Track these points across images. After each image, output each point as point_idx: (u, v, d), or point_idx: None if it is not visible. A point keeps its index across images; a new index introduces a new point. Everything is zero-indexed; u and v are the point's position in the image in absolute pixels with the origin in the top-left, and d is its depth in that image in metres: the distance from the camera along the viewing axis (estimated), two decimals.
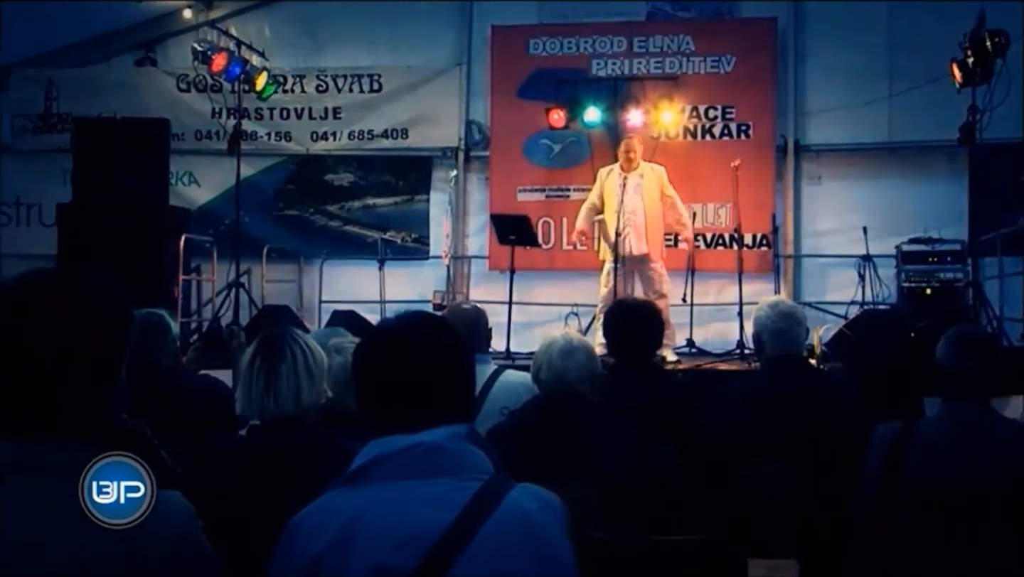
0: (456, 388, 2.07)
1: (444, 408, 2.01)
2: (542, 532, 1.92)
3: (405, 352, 2.04)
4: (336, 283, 11.14)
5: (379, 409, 2.03)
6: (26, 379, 1.72)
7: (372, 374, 2.06)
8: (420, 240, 11.43)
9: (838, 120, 10.48)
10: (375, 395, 2.05)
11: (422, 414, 1.98)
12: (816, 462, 3.80)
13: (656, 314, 4.67)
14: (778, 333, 4.10)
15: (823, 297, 10.35)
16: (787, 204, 10.62)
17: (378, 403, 2.03)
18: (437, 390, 2.02)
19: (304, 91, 11.44)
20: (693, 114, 10.65)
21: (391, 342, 2.08)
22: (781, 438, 3.85)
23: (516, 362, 7.86)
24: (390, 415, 2.00)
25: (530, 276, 10.43)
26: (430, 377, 2.02)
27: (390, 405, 2.01)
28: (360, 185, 11.63)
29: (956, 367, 3.32)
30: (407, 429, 1.96)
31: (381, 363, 2.05)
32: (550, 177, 10.92)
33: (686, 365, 8.71)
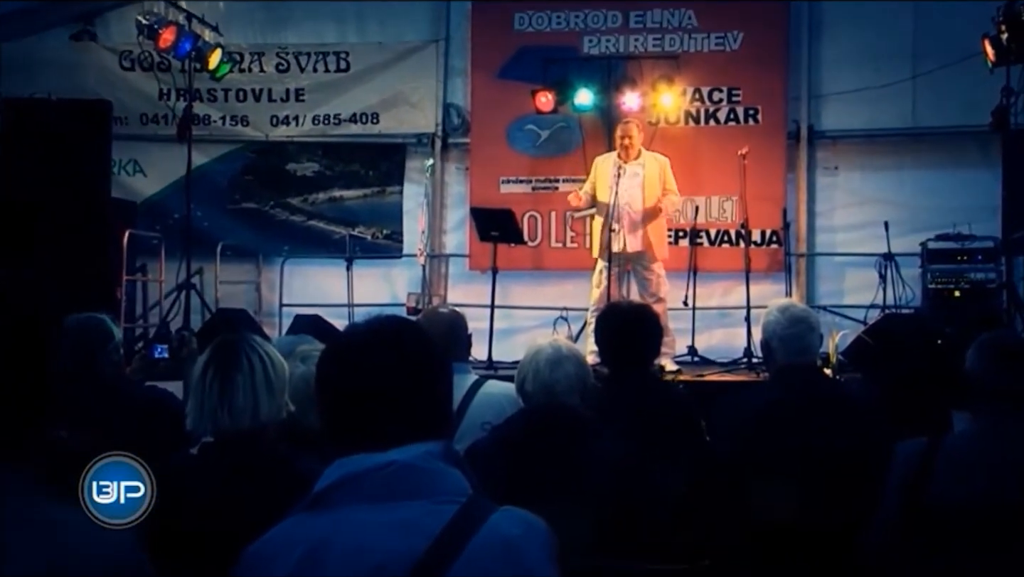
0: (431, 401, 2.07)
1: (417, 423, 2.01)
2: (526, 560, 1.92)
3: (374, 361, 2.03)
4: (299, 284, 11.13)
5: (345, 425, 2.03)
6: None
7: (337, 385, 2.06)
8: (392, 237, 11.42)
9: (856, 103, 10.50)
10: (340, 409, 2.05)
11: (393, 430, 1.98)
12: (831, 482, 3.81)
13: (653, 319, 4.69)
14: (789, 340, 4.12)
15: (839, 300, 10.39)
16: (800, 197, 10.64)
17: (344, 418, 2.03)
18: (410, 403, 2.02)
19: (263, 70, 11.42)
20: (695, 97, 10.67)
21: (359, 350, 2.07)
22: (792, 456, 3.86)
23: (499, 372, 7.85)
24: (357, 431, 2.00)
25: (514, 277, 10.46)
26: (402, 389, 2.02)
27: (357, 420, 2.01)
28: (325, 175, 11.61)
29: (987, 378, 3.33)
30: (376, 447, 1.96)
31: (347, 373, 2.04)
32: (537, 167, 10.92)
33: (687, 375, 8.73)
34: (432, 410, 2.07)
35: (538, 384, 3.72)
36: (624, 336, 4.50)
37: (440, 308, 6.07)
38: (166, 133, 11.04)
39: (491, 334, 9.10)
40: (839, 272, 10.67)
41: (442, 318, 4.79)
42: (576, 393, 3.73)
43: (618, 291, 9.12)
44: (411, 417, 2.01)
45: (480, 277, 10.32)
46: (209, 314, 9.96)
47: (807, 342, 4.14)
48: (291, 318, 8.94)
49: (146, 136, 11.41)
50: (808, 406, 4.00)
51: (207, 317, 9.83)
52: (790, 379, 4.13)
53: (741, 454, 3.96)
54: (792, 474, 3.84)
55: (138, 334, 10.41)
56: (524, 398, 3.80)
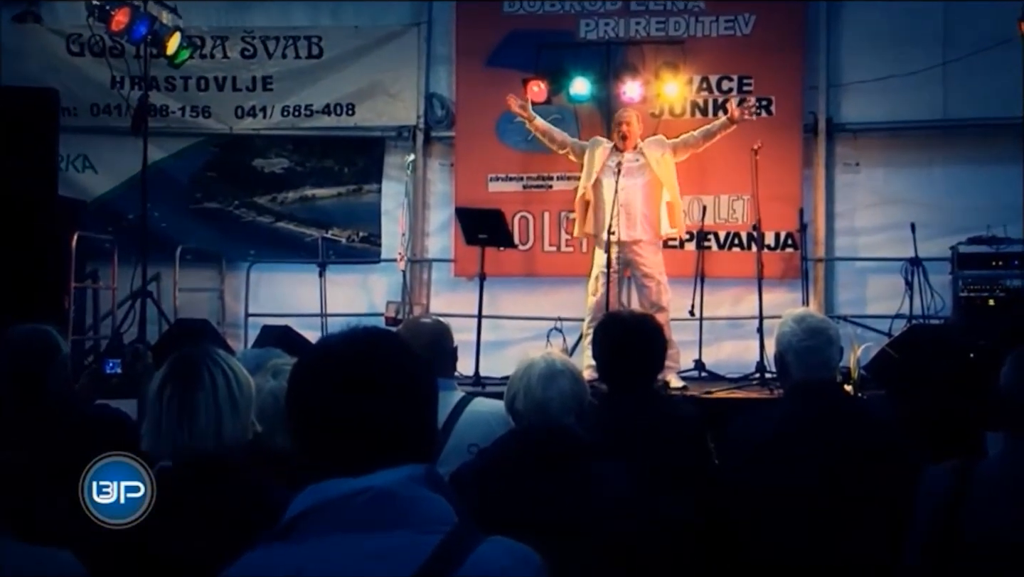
0: (413, 421, 2.07)
1: (398, 445, 2.01)
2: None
3: (350, 377, 2.03)
4: (266, 292, 11.13)
5: (318, 447, 2.03)
6: None
7: (309, 404, 2.06)
8: (370, 240, 11.42)
9: (880, 93, 10.51)
10: (313, 429, 2.05)
11: (371, 453, 1.98)
12: (852, 511, 3.82)
13: (656, 330, 4.70)
14: (806, 354, 4.12)
15: (861, 310, 10.43)
16: (817, 196, 10.67)
17: (316, 439, 2.03)
18: (389, 424, 2.02)
19: (226, 56, 11.41)
20: (703, 86, 10.69)
21: (333, 364, 2.07)
22: (809, 482, 3.87)
23: (487, 389, 7.86)
24: (331, 454, 2.00)
25: (504, 284, 10.47)
26: (381, 408, 2.02)
27: (331, 442, 2.01)
28: (296, 172, 11.61)
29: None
30: (352, 471, 1.96)
31: (320, 390, 2.04)
32: (528, 163, 10.93)
33: (694, 392, 8.74)
34: (414, 431, 2.07)
35: (530, 402, 3.72)
36: (624, 349, 4.51)
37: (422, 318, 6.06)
38: (119, 125, 11.05)
39: (478, 347, 9.10)
40: (861, 279, 10.69)
41: (424, 329, 4.79)
42: (571, 412, 3.74)
43: (617, 300, 9.13)
44: (391, 438, 2.01)
45: (466, 284, 10.33)
46: (167, 325, 9.95)
47: (825, 356, 4.15)
48: (258, 329, 8.94)
49: (97, 128, 11.41)
50: (826, 426, 4.00)
51: (164, 328, 9.82)
52: (806, 397, 4.13)
53: (753, 479, 3.97)
54: (810, 501, 3.85)
55: (88, 347, 10.39)
56: (514, 417, 3.80)
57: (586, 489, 3.53)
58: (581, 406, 3.78)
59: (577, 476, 3.55)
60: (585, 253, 10.07)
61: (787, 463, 3.93)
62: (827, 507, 3.86)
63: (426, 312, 10.47)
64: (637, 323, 4.72)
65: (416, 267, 11.12)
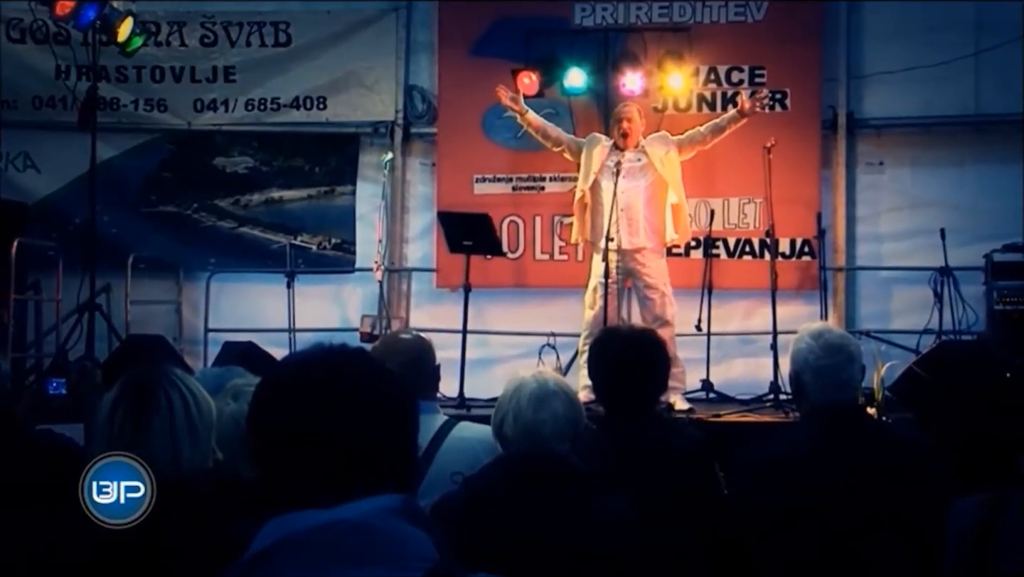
0: (389, 446, 2.07)
1: (372, 473, 2.01)
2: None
3: (319, 397, 2.04)
4: (228, 305, 11.11)
5: (285, 475, 2.03)
6: None
7: (273, 426, 2.06)
8: (343, 247, 11.42)
9: (906, 86, 10.53)
10: (279, 456, 2.05)
11: (342, 482, 1.99)
12: (876, 546, 3.83)
13: (659, 346, 4.70)
14: (824, 373, 4.13)
15: (886, 324, 10.45)
16: (837, 199, 10.68)
17: (283, 467, 2.03)
18: (363, 449, 2.03)
19: (184, 44, 11.41)
20: (710, 77, 10.72)
21: (301, 383, 2.08)
22: (829, 514, 3.88)
23: (472, 412, 7.87)
24: (300, 483, 2.00)
25: (491, 296, 10.47)
26: (352, 431, 2.02)
27: (299, 470, 2.01)
28: (261, 172, 11.61)
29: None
30: (322, 502, 1.96)
31: (286, 411, 2.05)
32: (518, 162, 10.95)
33: (701, 415, 8.75)
34: (391, 457, 2.07)
35: (520, 426, 3.73)
36: (624, 367, 4.51)
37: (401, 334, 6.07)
38: (65, 120, 11.03)
39: (463, 365, 9.10)
40: (885, 290, 10.71)
41: (403, 346, 4.80)
42: (565, 437, 3.74)
43: (616, 313, 9.14)
44: (365, 466, 2.01)
45: (450, 296, 10.34)
46: (118, 341, 9.93)
47: (846, 375, 4.16)
48: (218, 346, 8.95)
49: (40, 123, 11.41)
50: (847, 453, 4.01)
51: (115, 345, 9.80)
52: (825, 420, 4.14)
53: (766, 511, 3.97)
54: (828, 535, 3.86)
55: (30, 366, 10.37)
56: (503, 443, 3.81)
57: (581, 522, 3.53)
58: (576, 431, 3.78)
59: (571, 508, 3.56)
60: (581, 262, 10.08)
61: (804, 492, 3.94)
62: (848, 539, 3.87)
63: (405, 327, 10.47)
64: (638, 339, 4.73)
65: (394, 277, 11.12)
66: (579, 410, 3.82)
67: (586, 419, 3.92)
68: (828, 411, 4.14)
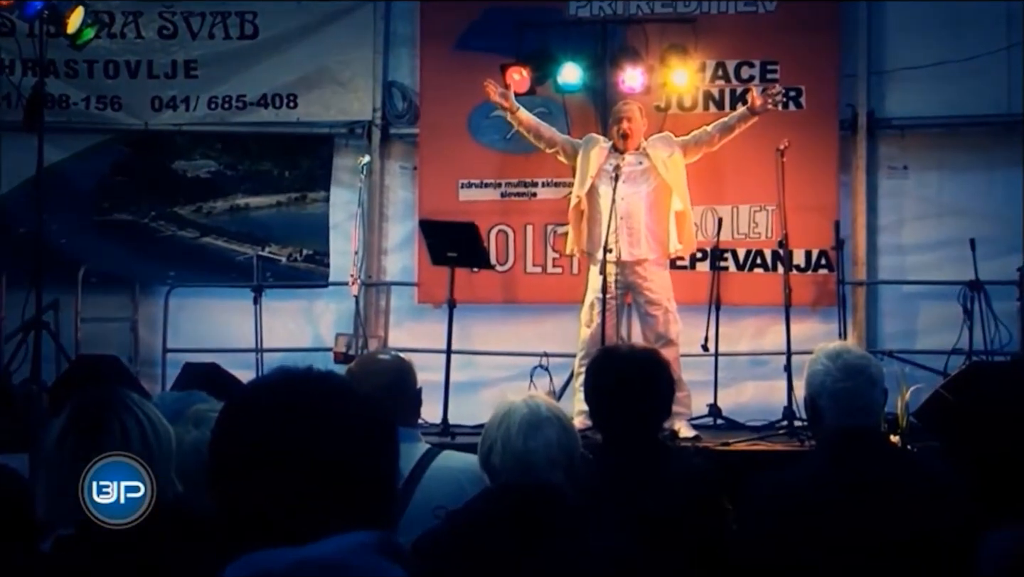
0: (366, 478, 2.08)
1: (348, 508, 2.02)
2: None
3: (290, 425, 2.04)
4: (189, 322, 11.11)
5: (251, 510, 2.03)
6: None
7: (239, 457, 2.06)
8: (316, 259, 11.42)
9: (932, 82, 10.55)
10: (244, 489, 2.05)
11: (315, 517, 1.99)
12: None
13: (662, 368, 4.71)
14: (843, 397, 4.13)
15: (911, 344, 10.46)
16: (857, 206, 10.70)
17: (249, 501, 2.03)
18: (338, 481, 2.03)
19: (141, 36, 11.40)
20: (718, 73, 10.75)
21: (270, 410, 2.08)
22: (847, 552, 3.88)
23: (457, 440, 7.88)
24: (267, 518, 2.00)
25: (478, 312, 10.48)
26: (327, 462, 2.02)
27: (267, 503, 2.01)
28: (226, 177, 11.61)
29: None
30: (292, 538, 1.96)
31: (253, 442, 2.05)
32: (508, 165, 10.96)
33: (708, 444, 8.76)
34: (368, 490, 2.08)
35: (509, 456, 3.73)
36: (623, 391, 4.52)
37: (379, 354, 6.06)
38: (9, 119, 11.02)
39: (447, 389, 9.10)
40: (910, 306, 10.73)
41: (381, 367, 4.80)
42: (559, 467, 3.74)
43: (615, 331, 9.14)
44: (339, 499, 2.02)
45: (432, 313, 10.35)
46: (67, 363, 9.91)
47: (866, 400, 4.16)
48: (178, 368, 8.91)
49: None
50: (867, 485, 4.01)
51: (64, 367, 9.78)
52: (843, 449, 4.14)
53: (778, 548, 3.98)
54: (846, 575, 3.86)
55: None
56: (490, 474, 3.81)
57: (576, 561, 3.53)
58: (571, 460, 3.78)
59: (565, 545, 3.56)
60: (577, 275, 10.10)
61: (820, 527, 3.94)
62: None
63: (384, 347, 10.46)
64: (639, 360, 4.73)
65: (372, 292, 11.12)
66: (574, 438, 3.82)
67: (582, 448, 3.92)
68: (847, 439, 4.14)
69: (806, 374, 4.29)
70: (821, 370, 4.18)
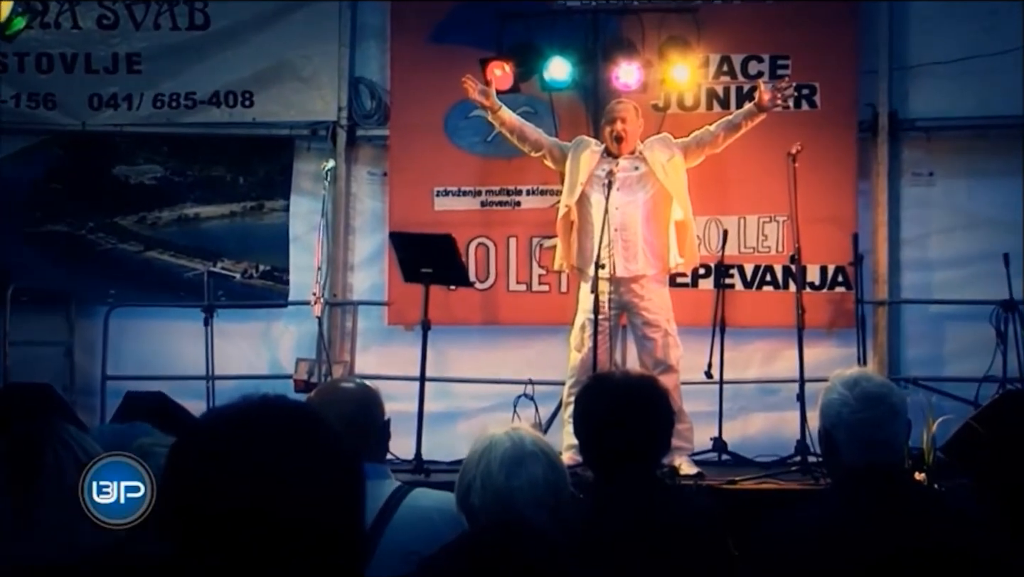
0: (330, 520, 2.09)
1: (310, 553, 2.03)
2: None
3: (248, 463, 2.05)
4: (132, 346, 11.10)
5: (204, 556, 2.04)
6: None
7: (191, 498, 2.07)
8: (274, 275, 11.42)
9: (961, 79, 10.60)
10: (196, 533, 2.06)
11: (275, 563, 2.00)
12: None
13: (660, 397, 4.71)
14: (861, 429, 4.14)
15: (937, 370, 10.50)
16: (878, 217, 10.74)
17: (202, 546, 2.04)
18: (299, 524, 2.04)
19: (78, 26, 11.41)
20: (722, 69, 10.78)
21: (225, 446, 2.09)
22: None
23: (431, 477, 7.87)
24: (223, 566, 2.01)
25: (456, 335, 10.50)
26: (288, 503, 2.03)
27: (219, 548, 2.02)
28: (173, 184, 11.61)
29: None
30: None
31: (207, 481, 2.06)
32: (489, 171, 10.98)
33: (712, 481, 8.76)
34: (332, 533, 2.09)
35: (489, 494, 3.73)
36: (617, 423, 4.52)
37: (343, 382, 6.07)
38: None
39: (420, 421, 9.09)
40: (937, 329, 10.76)
41: (346, 396, 4.80)
42: (545, 508, 3.75)
43: (609, 357, 9.15)
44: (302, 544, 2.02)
45: (404, 336, 10.37)
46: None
47: (887, 433, 4.16)
48: (119, 397, 8.91)
49: None
50: (890, 528, 4.02)
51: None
52: (863, 489, 4.14)
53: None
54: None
55: None
56: (469, 515, 3.81)
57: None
58: (558, 500, 3.79)
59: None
60: (566, 293, 10.13)
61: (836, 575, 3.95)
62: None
63: (349, 373, 10.47)
64: (635, 388, 4.74)
65: (336, 312, 11.14)
66: (562, 475, 3.83)
67: (571, 486, 3.92)
68: (866, 476, 4.14)
69: (820, 404, 4.28)
70: (837, 400, 4.17)
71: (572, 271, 9.61)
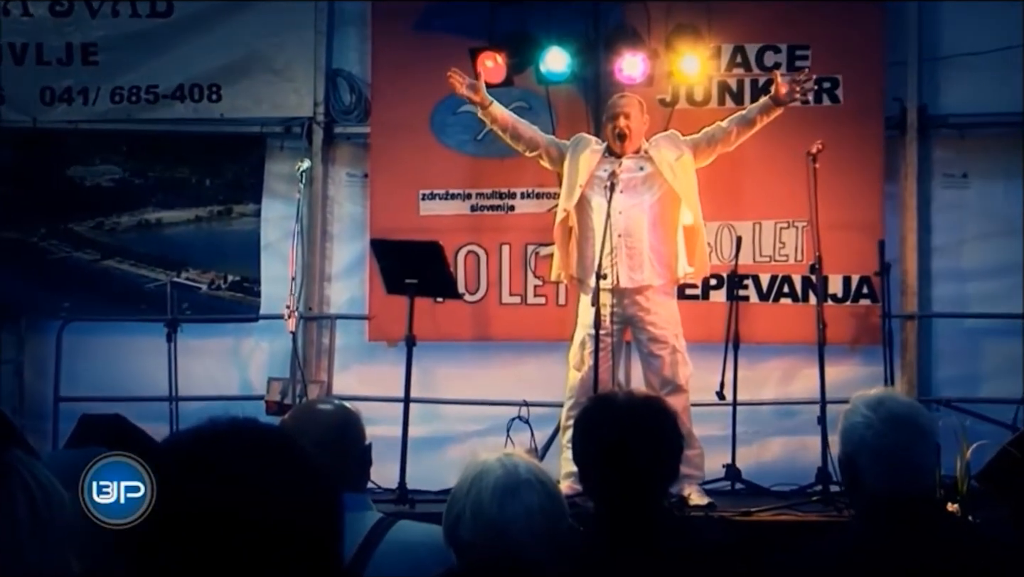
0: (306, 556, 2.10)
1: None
2: None
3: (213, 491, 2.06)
4: (87, 364, 11.10)
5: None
6: None
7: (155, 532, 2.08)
8: (244, 286, 11.42)
9: (996, 71, 10.60)
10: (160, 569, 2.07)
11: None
12: None
13: (667, 420, 4.72)
14: (887, 455, 4.14)
15: (972, 391, 10.50)
16: (907, 223, 10.75)
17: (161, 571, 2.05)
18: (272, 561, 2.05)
19: (28, 13, 11.41)
20: (736, 60, 10.80)
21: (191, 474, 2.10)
22: None
23: (417, 508, 7.88)
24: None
25: (444, 352, 10.50)
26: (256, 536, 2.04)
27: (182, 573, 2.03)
28: (133, 186, 11.61)
29: None
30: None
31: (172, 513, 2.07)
32: (480, 172, 11.00)
33: (725, 512, 8.76)
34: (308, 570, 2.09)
35: (480, 526, 3.74)
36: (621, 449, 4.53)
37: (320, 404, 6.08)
38: None
39: (404, 446, 9.11)
40: (971, 345, 10.77)
41: (323, 418, 4.81)
42: (541, 541, 3.75)
43: (611, 376, 9.15)
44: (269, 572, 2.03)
45: (386, 353, 10.38)
46: None
47: (916, 459, 4.16)
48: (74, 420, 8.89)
49: None
50: (916, 561, 4.03)
51: None
52: (889, 521, 4.15)
53: None
54: None
55: None
56: (458, 550, 3.82)
57: None
58: (555, 533, 3.80)
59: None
60: (564, 306, 10.14)
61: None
62: None
63: (327, 394, 10.47)
64: (640, 410, 4.74)
65: (312, 327, 11.14)
66: (560, 505, 3.84)
67: (569, 518, 3.93)
68: (892, 507, 4.13)
69: (841, 428, 4.27)
70: (860, 422, 4.16)
71: (571, 282, 9.62)
